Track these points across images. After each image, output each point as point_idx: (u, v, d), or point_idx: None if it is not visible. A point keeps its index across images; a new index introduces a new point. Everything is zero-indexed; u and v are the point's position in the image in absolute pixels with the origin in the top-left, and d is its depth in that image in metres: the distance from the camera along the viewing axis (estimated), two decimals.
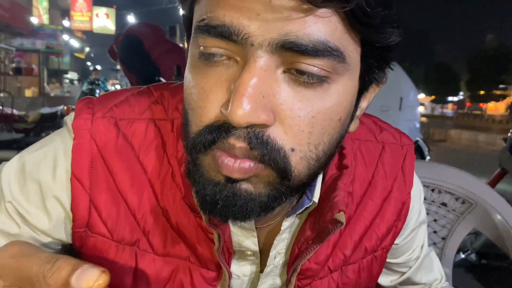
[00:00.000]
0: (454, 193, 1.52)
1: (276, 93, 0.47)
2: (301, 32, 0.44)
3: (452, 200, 1.53)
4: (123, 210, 0.62)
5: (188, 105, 0.51)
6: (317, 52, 0.45)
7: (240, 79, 0.45)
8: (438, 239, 1.55)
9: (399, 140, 0.76)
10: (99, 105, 0.64)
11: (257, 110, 0.44)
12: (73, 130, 0.61)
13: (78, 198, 0.61)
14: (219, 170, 0.48)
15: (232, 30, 0.44)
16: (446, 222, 1.54)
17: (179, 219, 0.62)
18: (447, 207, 1.54)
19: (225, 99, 0.47)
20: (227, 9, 0.45)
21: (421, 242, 0.85)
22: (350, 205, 0.68)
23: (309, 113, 0.48)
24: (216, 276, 0.64)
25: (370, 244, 0.72)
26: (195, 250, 0.63)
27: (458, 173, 1.54)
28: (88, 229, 0.62)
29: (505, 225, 1.42)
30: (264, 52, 0.45)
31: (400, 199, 0.73)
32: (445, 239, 1.54)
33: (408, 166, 0.74)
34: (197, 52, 0.49)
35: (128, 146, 0.62)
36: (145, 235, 0.63)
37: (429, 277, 0.88)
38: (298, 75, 0.46)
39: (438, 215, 1.56)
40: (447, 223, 1.54)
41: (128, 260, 0.63)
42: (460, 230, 1.52)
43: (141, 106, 0.65)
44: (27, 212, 0.61)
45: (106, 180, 0.61)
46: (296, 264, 0.64)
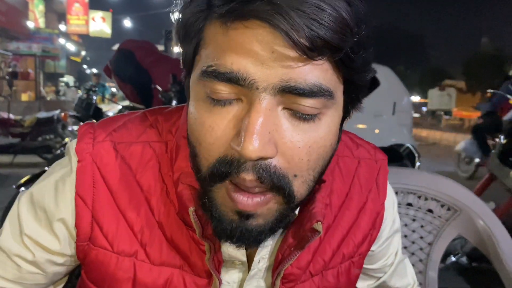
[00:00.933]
0: (440, 200, 1.58)
1: (278, 128, 0.54)
2: (300, 78, 0.51)
3: (438, 206, 1.58)
4: (122, 225, 0.69)
5: (196, 139, 0.57)
6: (312, 94, 0.52)
7: (250, 118, 0.52)
8: (424, 245, 1.60)
9: (373, 156, 0.84)
10: (100, 130, 0.71)
11: (265, 145, 0.52)
12: (77, 154, 0.68)
13: (81, 215, 0.68)
14: (234, 206, 0.56)
15: (239, 77, 0.51)
16: (432, 228, 1.60)
17: (173, 232, 0.69)
18: (433, 213, 1.60)
19: (232, 135, 0.54)
20: (234, 57, 0.51)
21: (395, 249, 0.91)
22: (329, 215, 0.76)
23: (306, 143, 0.55)
24: (208, 283, 0.71)
25: (348, 250, 0.78)
26: (188, 260, 0.70)
27: (443, 180, 1.59)
28: (91, 242, 0.69)
29: (487, 231, 1.47)
30: (267, 95, 0.52)
31: (375, 209, 0.80)
32: (431, 244, 1.59)
33: (381, 179, 0.82)
34: (203, 92, 0.56)
35: (126, 166, 0.69)
36: (142, 247, 0.69)
37: (403, 282, 0.95)
38: (295, 112, 0.54)
39: (425, 221, 1.61)
40: (433, 229, 1.60)
41: (127, 270, 0.69)
42: (446, 236, 1.58)
43: (137, 130, 0.72)
44: (41, 237, 0.69)
45: (107, 198, 0.68)
46: (279, 269, 0.70)
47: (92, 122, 0.73)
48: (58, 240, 0.70)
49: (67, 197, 0.69)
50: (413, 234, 1.62)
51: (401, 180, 1.63)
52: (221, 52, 0.52)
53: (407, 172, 1.74)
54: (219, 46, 0.53)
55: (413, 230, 1.62)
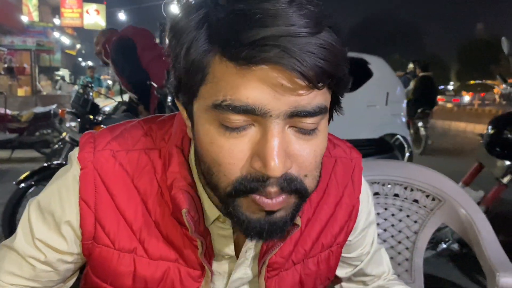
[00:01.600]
0: (425, 191, 1.65)
1: (289, 145, 0.62)
2: (307, 104, 0.60)
3: (423, 197, 1.66)
4: (122, 224, 0.76)
5: (213, 160, 0.63)
6: (315, 113, 0.61)
7: (268, 143, 0.59)
8: (410, 233, 1.68)
9: (349, 155, 0.92)
10: (99, 139, 0.78)
11: (285, 163, 0.60)
12: (79, 162, 0.75)
13: (85, 217, 0.75)
14: (261, 208, 0.63)
15: (254, 108, 0.58)
16: (418, 218, 1.67)
17: (168, 230, 0.76)
18: (419, 203, 1.67)
19: (249, 155, 0.61)
20: (249, 93, 0.58)
21: (371, 239, 0.99)
22: (308, 210, 0.84)
23: (311, 150, 0.64)
24: (201, 274, 0.79)
25: (326, 241, 0.87)
26: (182, 254, 0.77)
27: (428, 172, 1.67)
28: (95, 241, 0.76)
29: (468, 219, 1.55)
30: (279, 120, 0.59)
31: (350, 203, 0.89)
32: (417, 233, 1.67)
33: (356, 176, 0.91)
34: (216, 121, 0.61)
35: (124, 172, 0.76)
36: (141, 244, 0.77)
37: (378, 270, 1.03)
38: (299, 129, 0.62)
39: (411, 211, 1.68)
40: (419, 218, 1.67)
41: (128, 265, 0.77)
42: (430, 225, 1.65)
43: (133, 139, 0.79)
44: (50, 239, 0.77)
45: (107, 201, 0.75)
46: (264, 258, 0.79)
47: (92, 132, 0.81)
48: (65, 241, 0.77)
49: (71, 202, 0.76)
50: (400, 223, 1.69)
51: (388, 172, 1.70)
52: (235, 88, 0.58)
53: (394, 164, 1.82)
54: (231, 83, 0.58)
55: (400, 219, 1.69)
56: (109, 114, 3.75)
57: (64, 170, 0.79)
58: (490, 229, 1.55)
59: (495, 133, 3.18)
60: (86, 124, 3.58)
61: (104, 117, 3.68)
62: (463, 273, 3.29)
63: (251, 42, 0.55)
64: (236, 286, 0.85)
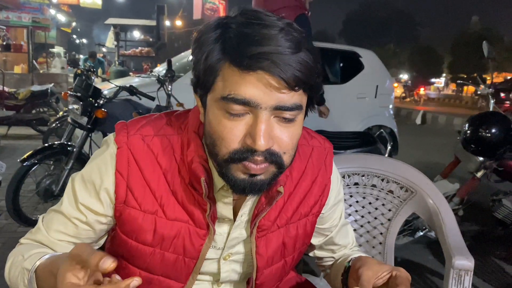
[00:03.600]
0: (399, 183, 1.81)
1: (272, 129, 0.84)
2: (287, 101, 0.82)
3: (398, 188, 1.82)
4: (147, 192, 0.97)
5: (218, 136, 0.86)
6: (292, 109, 0.83)
7: (258, 127, 0.81)
8: (385, 220, 1.84)
9: (323, 144, 1.16)
10: (131, 127, 1.00)
11: (268, 141, 0.82)
12: (116, 143, 0.97)
13: (120, 184, 0.96)
14: (246, 171, 0.85)
15: (250, 101, 0.80)
16: (392, 206, 1.84)
17: (183, 197, 0.98)
18: (393, 194, 1.83)
19: (244, 133, 0.83)
20: (247, 90, 0.80)
21: (340, 214, 1.24)
22: (290, 185, 1.06)
23: (289, 135, 0.86)
24: (206, 233, 1.00)
25: (304, 210, 1.10)
26: (193, 217, 0.99)
27: (403, 166, 1.84)
28: (125, 204, 0.97)
29: (435, 208, 1.72)
30: (266, 111, 0.82)
31: (323, 182, 1.12)
32: (391, 220, 1.83)
33: (328, 160, 1.15)
34: (223, 109, 0.83)
35: (150, 151, 0.98)
36: (161, 207, 0.98)
37: (345, 241, 1.28)
38: (281, 118, 0.84)
39: (386, 200, 1.85)
40: (393, 207, 1.84)
41: (150, 223, 0.98)
42: (402, 213, 1.82)
43: (157, 127, 1.01)
44: (91, 203, 0.99)
45: (137, 173, 0.97)
46: (255, 220, 1.01)
47: (124, 122, 1.03)
48: (102, 205, 0.98)
49: (109, 173, 0.97)
50: (376, 211, 1.86)
51: (368, 164, 1.87)
52: (237, 86, 0.81)
53: (373, 158, 1.95)
54: (235, 82, 0.81)
55: (376, 207, 1.86)
56: (110, 98, 3.87)
57: (102, 151, 1.01)
58: (453, 218, 1.70)
59: (471, 131, 3.34)
60: (88, 107, 3.69)
61: (105, 101, 3.80)
62: (438, 259, 3.49)
63: (251, 55, 0.78)
64: (233, 244, 1.06)
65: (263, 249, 1.05)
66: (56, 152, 3.71)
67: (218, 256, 1.07)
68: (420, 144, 10.25)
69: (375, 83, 6.47)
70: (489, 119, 3.32)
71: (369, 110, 6.47)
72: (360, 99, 6.42)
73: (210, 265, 1.07)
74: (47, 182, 3.72)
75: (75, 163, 3.71)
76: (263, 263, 1.06)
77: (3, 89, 8.23)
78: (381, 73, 6.68)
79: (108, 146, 1.00)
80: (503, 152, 3.32)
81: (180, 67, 6.08)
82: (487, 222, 4.42)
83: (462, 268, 1.53)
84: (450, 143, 3.81)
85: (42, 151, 3.60)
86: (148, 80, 5.53)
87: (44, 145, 3.76)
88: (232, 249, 1.07)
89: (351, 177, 1.88)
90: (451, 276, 1.53)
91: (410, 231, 3.54)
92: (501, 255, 3.77)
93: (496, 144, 3.26)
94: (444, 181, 3.63)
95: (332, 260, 1.29)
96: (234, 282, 1.14)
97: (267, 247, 1.05)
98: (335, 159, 1.71)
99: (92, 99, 3.74)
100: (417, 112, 18.66)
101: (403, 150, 7.10)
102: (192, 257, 1.01)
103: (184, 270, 1.03)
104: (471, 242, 3.95)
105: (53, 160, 3.85)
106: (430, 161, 7.76)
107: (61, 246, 1.01)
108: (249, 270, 1.10)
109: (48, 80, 11.05)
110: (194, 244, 1.00)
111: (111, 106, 3.83)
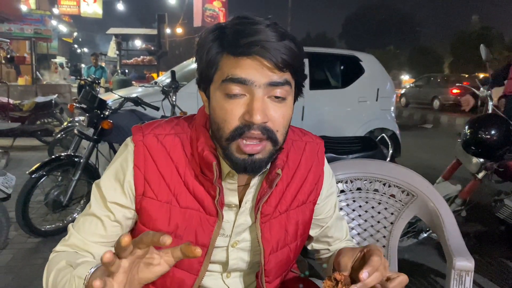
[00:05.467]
0: (400, 187, 1.86)
1: (267, 107, 0.96)
2: (278, 78, 0.95)
3: (399, 192, 1.87)
4: (162, 183, 1.08)
5: (221, 119, 0.98)
6: (283, 84, 0.96)
7: (254, 103, 0.94)
8: (387, 224, 1.88)
9: (315, 140, 1.29)
10: (145, 128, 1.13)
11: (263, 117, 0.94)
12: (134, 142, 1.10)
13: (138, 177, 1.08)
14: (244, 151, 0.97)
15: (245, 80, 0.94)
16: (394, 210, 1.88)
17: (194, 187, 1.09)
18: (395, 198, 1.88)
19: (242, 112, 0.95)
20: (243, 71, 0.94)
21: (333, 204, 1.35)
22: (288, 176, 1.18)
23: (281, 113, 0.99)
24: (215, 220, 1.10)
25: (302, 198, 1.21)
26: (203, 204, 1.10)
27: (403, 170, 1.89)
28: (143, 195, 1.08)
29: (435, 211, 1.76)
30: (261, 89, 0.95)
31: (317, 172, 1.25)
32: (393, 223, 1.88)
33: (320, 153, 1.27)
34: (223, 92, 0.97)
35: (163, 148, 1.10)
36: (174, 197, 1.09)
37: (339, 234, 1.37)
38: (274, 97, 0.97)
39: (388, 204, 1.89)
40: (395, 210, 1.88)
41: (165, 212, 1.08)
42: (404, 217, 1.86)
43: (168, 127, 1.14)
44: (118, 198, 1.10)
45: (152, 166, 1.08)
46: (259, 205, 1.12)
47: (139, 125, 1.15)
48: (127, 198, 1.09)
49: (129, 168, 1.09)
50: (379, 215, 1.90)
51: (370, 170, 1.92)
52: (233, 69, 0.94)
53: (375, 163, 1.99)
54: (232, 67, 0.95)
55: (379, 212, 1.90)
56: (115, 109, 3.93)
57: (122, 151, 1.13)
58: (453, 220, 1.74)
59: (471, 133, 3.38)
60: (94, 118, 3.75)
61: (110, 112, 3.86)
62: (443, 260, 3.44)
63: (244, 44, 0.93)
64: (239, 231, 1.16)
65: (267, 233, 1.15)
66: (63, 163, 3.77)
67: (226, 244, 1.16)
68: (423, 146, 10.28)
69: (376, 86, 6.52)
70: (488, 121, 3.35)
71: (370, 113, 6.51)
72: (361, 102, 6.47)
73: (219, 254, 1.16)
74: (55, 193, 3.77)
75: (83, 174, 3.77)
76: (269, 248, 1.15)
77: (8, 101, 8.27)
78: (381, 77, 6.72)
79: (127, 146, 1.12)
80: (503, 153, 3.35)
81: (182, 76, 6.14)
82: (490, 222, 4.46)
83: (462, 269, 1.56)
84: (453, 144, 3.82)
85: (50, 162, 3.66)
86: (151, 90, 5.61)
87: (51, 156, 3.81)
88: (239, 236, 1.17)
89: (353, 182, 1.92)
90: (452, 277, 1.57)
91: (414, 233, 3.57)
92: (505, 255, 3.80)
93: (495, 146, 3.30)
94: (446, 182, 3.66)
95: (328, 253, 1.39)
96: (242, 272, 1.23)
97: (271, 232, 1.15)
98: (337, 165, 1.78)
99: (98, 111, 3.80)
100: (418, 113, 18.64)
101: (406, 152, 7.14)
102: (203, 244, 1.10)
103: (196, 259, 1.11)
104: (474, 242, 3.98)
105: (60, 171, 3.90)
106: (434, 162, 7.79)
107: (94, 247, 1.09)
108: (256, 259, 1.19)
109: (51, 91, 11.10)
110: (205, 230, 1.10)
111: (116, 116, 3.89)
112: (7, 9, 14.09)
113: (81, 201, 4.04)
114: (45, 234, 3.79)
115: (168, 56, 20.68)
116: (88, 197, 3.96)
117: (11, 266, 3.19)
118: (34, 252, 3.50)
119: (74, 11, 23.23)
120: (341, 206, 1.94)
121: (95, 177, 3.89)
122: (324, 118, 6.18)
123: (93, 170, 3.89)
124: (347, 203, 1.95)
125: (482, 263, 3.54)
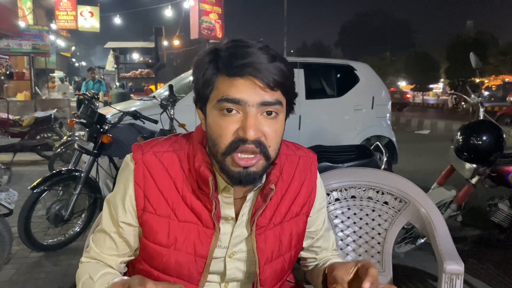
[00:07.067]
0: (393, 194, 1.91)
1: (260, 124, 1.02)
2: (269, 98, 1.01)
3: (392, 199, 1.92)
4: (161, 198, 1.13)
5: (218, 135, 1.03)
6: (275, 103, 1.02)
7: (247, 120, 1.00)
8: (381, 230, 1.93)
9: (308, 154, 1.34)
10: (145, 146, 1.18)
11: (257, 132, 1.00)
12: (134, 160, 1.16)
13: (138, 194, 1.14)
14: (239, 165, 1.02)
15: (240, 100, 1.00)
16: (388, 217, 1.93)
17: (191, 201, 1.14)
18: (388, 205, 1.92)
19: (236, 128, 1.01)
20: (237, 92, 1.00)
21: (323, 218, 1.40)
22: (282, 189, 1.23)
23: (273, 129, 1.04)
24: (212, 232, 1.15)
25: (295, 210, 1.26)
26: (201, 218, 1.14)
27: (396, 178, 1.94)
28: (144, 210, 1.14)
29: (427, 217, 1.82)
30: (254, 108, 1.00)
31: (310, 185, 1.30)
32: (387, 230, 1.93)
33: (313, 168, 1.32)
34: (219, 110, 1.02)
35: (161, 165, 1.15)
36: (173, 211, 1.14)
37: (326, 244, 1.44)
38: (266, 114, 1.02)
39: (382, 211, 1.94)
40: (388, 217, 1.93)
41: (164, 226, 1.13)
42: (398, 223, 1.92)
43: (166, 144, 1.19)
44: (125, 217, 1.16)
45: (151, 183, 1.13)
46: (254, 218, 1.16)
47: (139, 143, 1.21)
48: (130, 215, 1.15)
49: (130, 186, 1.15)
50: (373, 222, 1.95)
51: (363, 178, 1.97)
52: (228, 89, 1.01)
53: (368, 171, 2.05)
54: (226, 87, 1.01)
55: (373, 219, 1.95)
56: (115, 123, 3.99)
57: (122, 169, 1.20)
58: (444, 225, 1.80)
59: (463, 140, 3.43)
60: (94, 133, 3.81)
61: (109, 126, 3.91)
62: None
63: (238, 66, 0.99)
64: (236, 242, 1.20)
65: (262, 244, 1.19)
66: (64, 178, 3.81)
67: (224, 255, 1.20)
68: (419, 151, 10.34)
69: (371, 94, 6.58)
70: (480, 128, 3.40)
71: (366, 121, 6.57)
72: (357, 111, 6.53)
73: (217, 264, 1.20)
74: (56, 208, 3.81)
75: (83, 188, 3.82)
76: (264, 258, 1.20)
77: (8, 117, 8.29)
78: (376, 85, 6.79)
79: (128, 164, 1.18)
80: (495, 158, 3.40)
81: (180, 88, 6.21)
82: (485, 226, 4.49)
83: (453, 272, 1.61)
84: (449, 149, 3.87)
85: (51, 177, 3.70)
86: (150, 103, 5.66)
87: (52, 171, 3.86)
88: (235, 247, 1.21)
89: (348, 191, 1.97)
90: (443, 280, 1.62)
91: (412, 239, 3.62)
92: (500, 258, 3.83)
93: (487, 151, 3.35)
94: (441, 188, 3.71)
95: (314, 261, 1.44)
96: (240, 281, 1.27)
97: (266, 243, 1.20)
98: (331, 174, 1.84)
99: (98, 125, 3.85)
100: (415, 120, 18.74)
101: (402, 158, 7.19)
102: (202, 256, 1.15)
103: (196, 269, 1.16)
104: (471, 246, 4.02)
105: (61, 186, 3.94)
106: (430, 167, 7.85)
107: (110, 260, 1.20)
108: (252, 268, 1.22)
109: (50, 105, 11.15)
110: (203, 242, 1.15)
111: (116, 131, 3.95)
112: (5, 26, 14.10)
113: (82, 215, 4.07)
114: (47, 248, 3.83)
115: (166, 68, 20.75)
116: (89, 210, 4.04)
117: (14, 281, 3.21)
118: (36, 266, 3.53)
119: (71, 26, 23.31)
120: (336, 214, 1.98)
121: (95, 191, 3.95)
122: (320, 127, 6.24)
123: (93, 184, 3.93)
124: (342, 211, 1.99)
125: (478, 266, 3.58)
